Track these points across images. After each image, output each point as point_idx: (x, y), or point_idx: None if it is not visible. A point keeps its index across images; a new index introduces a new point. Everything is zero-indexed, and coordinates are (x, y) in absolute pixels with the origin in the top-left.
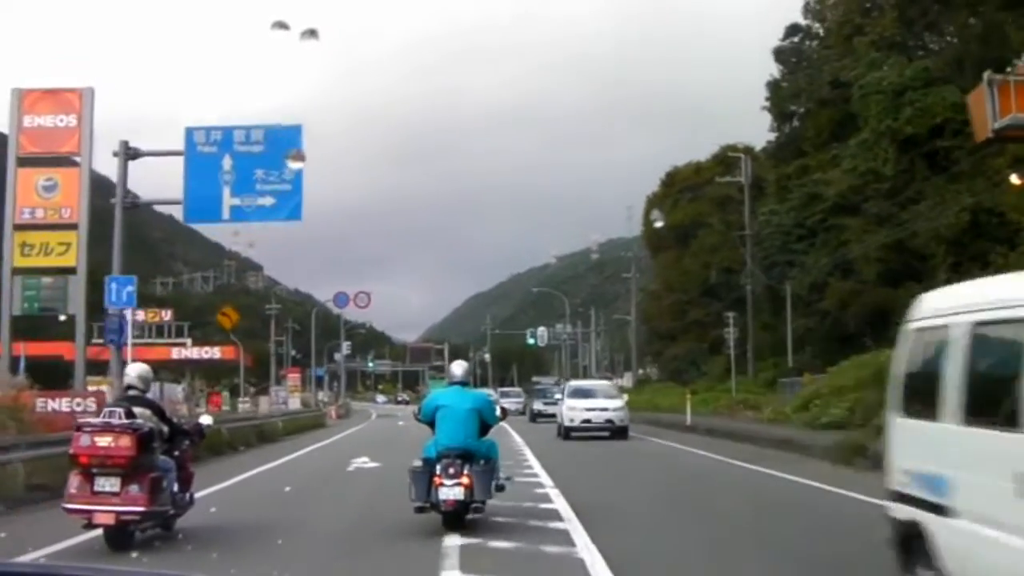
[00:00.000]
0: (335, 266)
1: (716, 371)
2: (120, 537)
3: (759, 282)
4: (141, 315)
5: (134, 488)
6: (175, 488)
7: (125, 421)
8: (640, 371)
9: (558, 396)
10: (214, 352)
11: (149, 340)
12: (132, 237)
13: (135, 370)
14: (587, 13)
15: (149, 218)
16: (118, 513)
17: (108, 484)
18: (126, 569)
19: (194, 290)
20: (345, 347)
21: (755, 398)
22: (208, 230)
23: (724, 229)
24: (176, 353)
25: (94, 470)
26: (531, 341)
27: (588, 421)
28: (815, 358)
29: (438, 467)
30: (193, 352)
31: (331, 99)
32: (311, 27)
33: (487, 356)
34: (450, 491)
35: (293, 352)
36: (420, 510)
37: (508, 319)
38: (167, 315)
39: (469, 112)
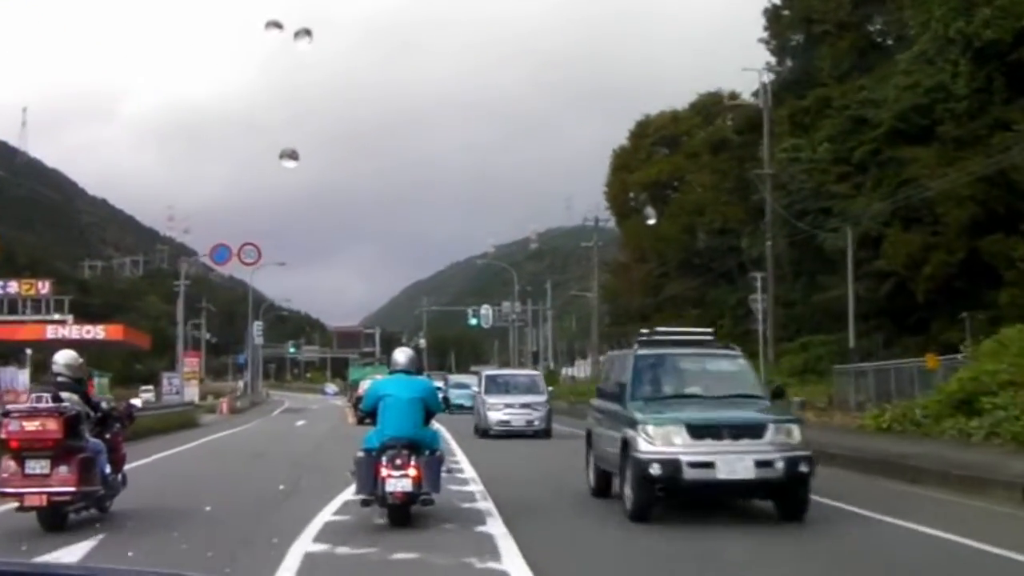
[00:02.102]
0: (273, 255)
1: None
2: (53, 518)
3: (779, 240)
4: (13, 286)
5: (63, 469)
6: (107, 470)
7: (52, 405)
8: (602, 358)
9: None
10: (97, 332)
11: (19, 317)
12: (60, 220)
13: (62, 358)
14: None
15: (80, 203)
16: (49, 494)
17: (38, 466)
18: (126, 568)
19: (124, 274)
20: (257, 327)
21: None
22: (144, 216)
23: (716, 181)
24: (52, 332)
25: (24, 453)
26: (473, 322)
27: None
28: (866, 336)
29: (383, 458)
30: (73, 331)
31: (273, 87)
32: (305, 27)
33: (423, 342)
34: (398, 483)
35: (208, 336)
36: (365, 503)
37: (446, 307)
38: (44, 288)
39: (411, 102)
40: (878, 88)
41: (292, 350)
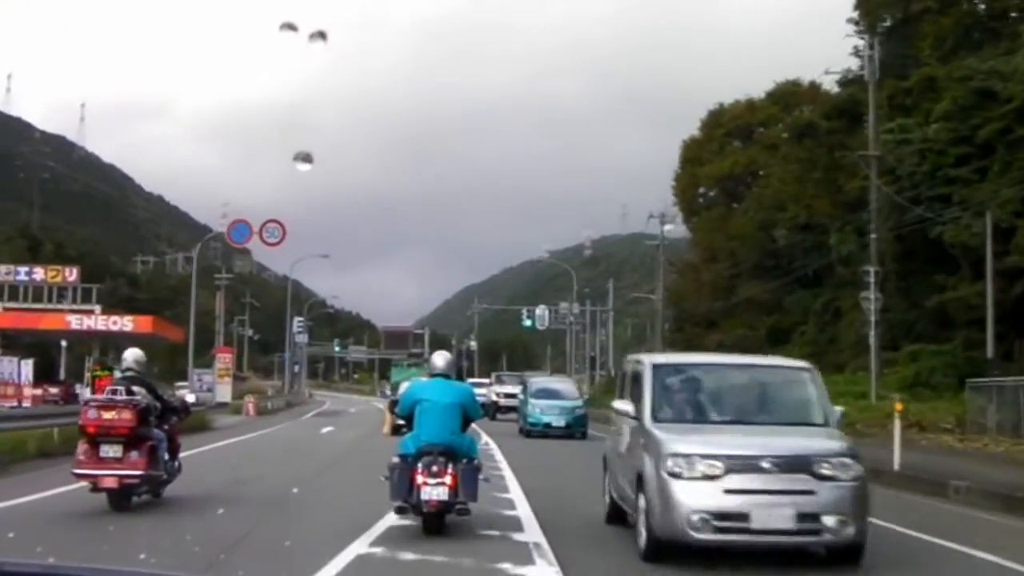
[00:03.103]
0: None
1: None
2: (121, 499)
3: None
4: (39, 273)
5: (134, 454)
6: (166, 457)
7: (126, 397)
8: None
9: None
10: (125, 323)
11: (41, 305)
12: (114, 215)
13: (132, 355)
14: (588, 8)
15: (136, 199)
16: (121, 477)
17: (112, 451)
18: (126, 569)
19: (176, 270)
20: (298, 323)
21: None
22: (198, 212)
23: (800, 172)
24: (76, 322)
25: (99, 439)
26: (528, 323)
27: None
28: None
29: (419, 464)
30: (99, 321)
31: (330, 90)
32: (320, 29)
33: (473, 344)
34: (433, 491)
35: (251, 332)
36: (400, 511)
37: (499, 311)
38: (72, 275)
39: (468, 108)
40: (1001, 62)
41: (337, 349)
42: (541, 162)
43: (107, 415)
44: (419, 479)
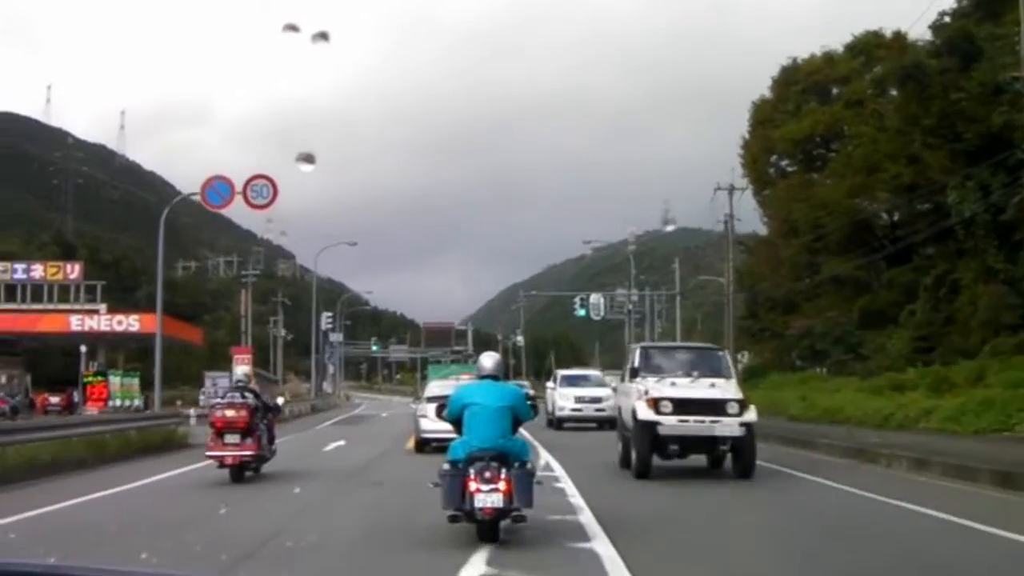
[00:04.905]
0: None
1: (895, 353)
2: (239, 473)
3: None
4: (38, 270)
5: (248, 440)
6: (267, 443)
7: (242, 400)
8: (740, 356)
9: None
10: (131, 323)
11: (40, 306)
12: (156, 221)
13: (241, 370)
14: (631, 6)
15: (177, 205)
16: (239, 457)
17: (233, 439)
18: (127, 569)
19: (218, 275)
20: (326, 318)
21: None
22: (241, 218)
23: (901, 123)
24: (77, 323)
25: (224, 430)
26: (581, 312)
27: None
28: None
29: (471, 470)
30: (103, 321)
31: (372, 90)
32: (322, 31)
33: (520, 339)
34: (487, 497)
35: (283, 333)
36: (453, 519)
37: (544, 308)
38: (74, 271)
39: (507, 105)
40: None
41: (375, 348)
42: (582, 158)
43: (230, 413)
44: (472, 486)
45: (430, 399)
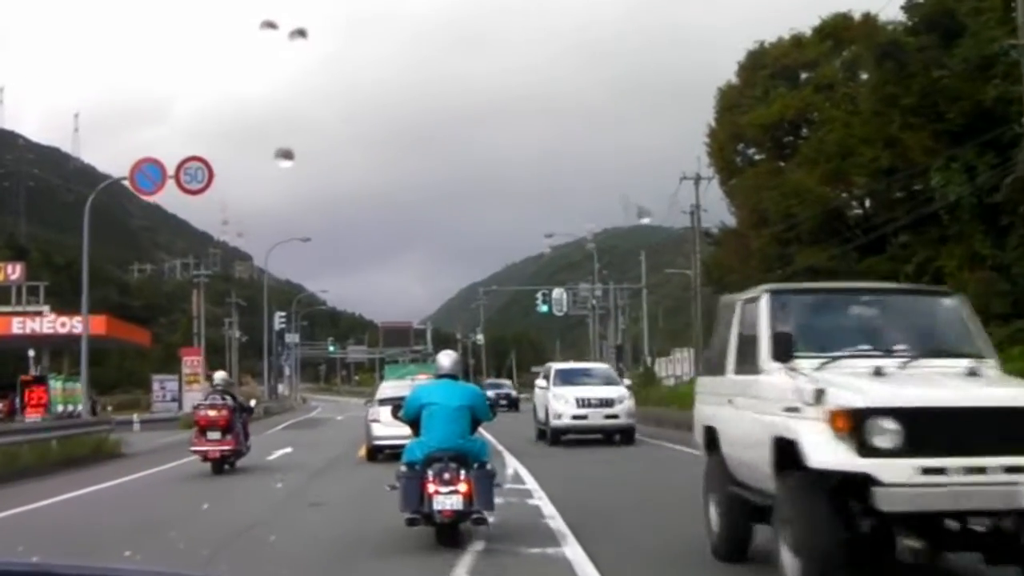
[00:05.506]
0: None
1: None
2: (220, 465)
3: None
4: None
5: (228, 437)
6: (243, 439)
7: (222, 401)
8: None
9: None
10: (75, 325)
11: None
12: (109, 223)
13: (220, 376)
14: None
15: (132, 207)
16: (221, 451)
17: (215, 435)
18: (126, 568)
19: (174, 278)
20: (279, 318)
21: None
22: (197, 220)
23: (878, 105)
24: (19, 326)
25: (206, 428)
26: (544, 308)
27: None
28: None
29: (430, 472)
30: (45, 324)
31: (326, 86)
32: (300, 27)
33: (480, 338)
34: (447, 500)
35: (239, 334)
36: (411, 522)
37: (504, 307)
38: (15, 272)
39: (464, 101)
40: None
41: (332, 349)
42: (544, 154)
43: (212, 413)
44: (430, 488)
45: (383, 401)
